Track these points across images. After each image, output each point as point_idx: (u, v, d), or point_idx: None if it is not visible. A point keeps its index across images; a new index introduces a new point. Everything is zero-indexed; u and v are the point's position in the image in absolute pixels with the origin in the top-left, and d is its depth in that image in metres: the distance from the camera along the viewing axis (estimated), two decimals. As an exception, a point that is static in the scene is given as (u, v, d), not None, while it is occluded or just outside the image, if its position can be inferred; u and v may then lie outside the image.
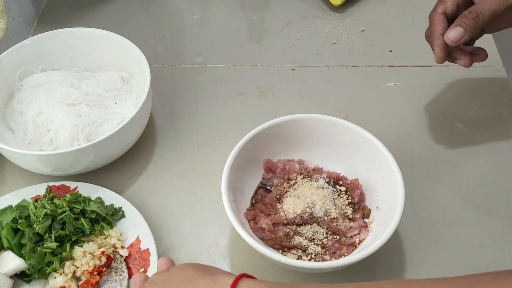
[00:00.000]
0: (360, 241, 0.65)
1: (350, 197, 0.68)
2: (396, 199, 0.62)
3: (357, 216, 0.66)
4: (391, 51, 0.92)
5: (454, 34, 0.67)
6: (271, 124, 0.70)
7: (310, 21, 0.98)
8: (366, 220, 0.67)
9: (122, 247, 0.67)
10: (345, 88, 0.87)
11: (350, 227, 0.65)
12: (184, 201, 0.75)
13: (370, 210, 0.68)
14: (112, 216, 0.69)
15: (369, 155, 0.69)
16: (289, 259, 0.59)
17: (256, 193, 0.71)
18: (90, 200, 0.70)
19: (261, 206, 0.67)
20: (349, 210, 0.66)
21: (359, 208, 0.67)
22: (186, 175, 0.77)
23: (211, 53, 0.94)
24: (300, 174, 0.70)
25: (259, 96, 0.87)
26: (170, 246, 0.70)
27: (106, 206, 0.70)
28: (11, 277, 0.65)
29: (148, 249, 0.66)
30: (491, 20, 0.66)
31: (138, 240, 0.67)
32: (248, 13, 1.01)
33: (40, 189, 0.72)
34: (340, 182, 0.69)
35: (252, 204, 0.69)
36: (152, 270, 0.64)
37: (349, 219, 0.66)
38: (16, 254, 0.65)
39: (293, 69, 0.91)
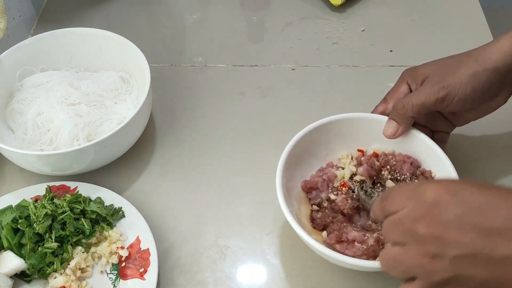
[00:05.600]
0: None
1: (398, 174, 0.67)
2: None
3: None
4: (391, 51, 0.92)
5: (388, 128, 0.67)
6: (331, 120, 0.69)
7: (311, 21, 0.98)
8: None
9: (122, 248, 0.67)
10: (346, 88, 0.87)
11: None
12: (184, 201, 0.74)
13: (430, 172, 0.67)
14: (112, 216, 0.69)
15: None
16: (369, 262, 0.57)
17: (313, 218, 0.66)
18: (90, 200, 0.70)
19: (337, 226, 0.63)
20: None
21: (421, 175, 0.67)
22: (186, 175, 0.77)
23: (211, 53, 0.93)
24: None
25: (259, 96, 0.87)
26: (170, 246, 0.70)
27: (106, 206, 0.70)
28: (11, 277, 0.65)
29: (148, 249, 0.66)
30: (423, 112, 0.64)
31: (138, 240, 0.67)
32: (248, 13, 1.01)
33: (40, 189, 0.72)
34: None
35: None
36: (152, 270, 0.64)
37: None
38: (16, 254, 0.65)
39: (293, 69, 0.90)
